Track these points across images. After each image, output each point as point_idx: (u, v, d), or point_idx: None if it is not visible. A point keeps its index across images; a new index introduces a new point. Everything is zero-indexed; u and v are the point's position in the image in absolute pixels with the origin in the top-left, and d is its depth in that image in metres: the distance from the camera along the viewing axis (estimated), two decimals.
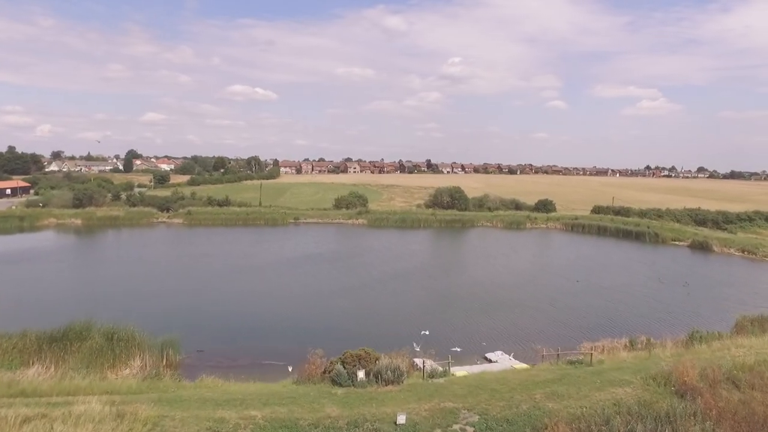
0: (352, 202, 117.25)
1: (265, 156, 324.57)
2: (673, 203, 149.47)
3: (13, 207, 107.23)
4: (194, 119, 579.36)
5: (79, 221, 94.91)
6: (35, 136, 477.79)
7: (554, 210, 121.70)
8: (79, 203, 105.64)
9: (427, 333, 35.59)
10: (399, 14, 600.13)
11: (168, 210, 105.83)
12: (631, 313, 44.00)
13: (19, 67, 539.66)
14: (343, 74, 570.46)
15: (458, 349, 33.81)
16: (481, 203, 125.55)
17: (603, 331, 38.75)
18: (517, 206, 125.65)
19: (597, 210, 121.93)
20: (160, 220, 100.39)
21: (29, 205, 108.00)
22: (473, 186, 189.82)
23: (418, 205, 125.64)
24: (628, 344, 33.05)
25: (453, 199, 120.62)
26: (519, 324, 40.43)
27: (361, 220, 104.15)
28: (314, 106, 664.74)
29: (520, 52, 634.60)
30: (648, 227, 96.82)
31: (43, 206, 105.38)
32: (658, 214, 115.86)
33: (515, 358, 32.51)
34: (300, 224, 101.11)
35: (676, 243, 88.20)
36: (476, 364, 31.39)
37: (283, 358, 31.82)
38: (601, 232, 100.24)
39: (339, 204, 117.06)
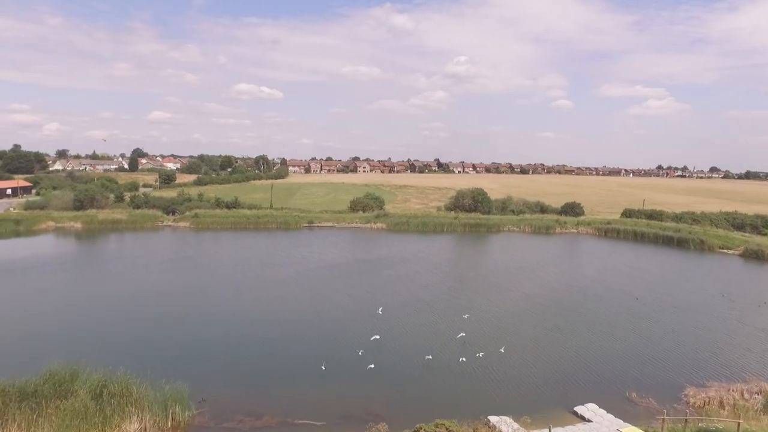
0: (369, 204, 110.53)
1: (271, 155, 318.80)
2: (701, 205, 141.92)
3: (11, 209, 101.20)
4: (200, 118, 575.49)
5: (78, 225, 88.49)
6: (42, 135, 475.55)
7: (582, 213, 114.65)
8: (80, 205, 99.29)
9: (378, 337, 34.04)
10: (405, 13, 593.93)
11: (174, 213, 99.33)
12: (729, 343, 36.70)
13: (25, 65, 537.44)
14: (348, 73, 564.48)
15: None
16: (504, 206, 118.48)
17: (706, 370, 31.60)
18: (542, 209, 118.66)
19: (628, 213, 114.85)
20: (165, 223, 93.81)
21: (28, 207, 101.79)
22: (489, 187, 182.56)
23: (438, 208, 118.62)
24: (762, 399, 25.82)
25: (475, 201, 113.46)
26: (598, 358, 33.34)
27: (379, 224, 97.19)
28: (319, 105, 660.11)
29: (526, 51, 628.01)
30: (690, 233, 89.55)
31: (42, 208, 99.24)
32: (694, 218, 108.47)
33: (615, 414, 25.48)
34: (314, 228, 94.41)
35: (725, 251, 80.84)
36: (569, 424, 24.42)
37: (322, 414, 24.95)
38: (638, 238, 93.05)
39: (355, 206, 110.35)
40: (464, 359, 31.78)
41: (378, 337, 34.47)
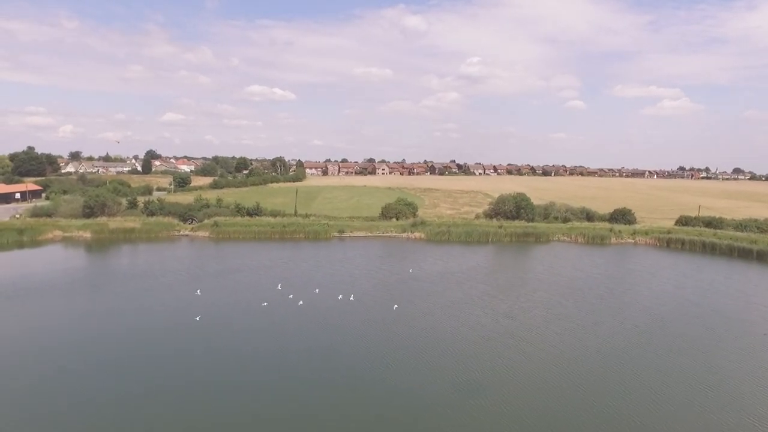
0: (402, 211, 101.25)
1: (285, 156, 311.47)
2: (748, 210, 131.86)
3: (17, 215, 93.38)
4: (212, 119, 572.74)
5: (88, 234, 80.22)
6: (57, 137, 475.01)
7: (635, 221, 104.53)
8: (90, 212, 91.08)
9: None
10: (419, 14, 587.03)
11: (191, 220, 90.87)
12: None
13: (42, 68, 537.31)
14: (361, 74, 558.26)
15: None
16: (547, 212, 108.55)
17: None
18: (589, 216, 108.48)
19: (684, 221, 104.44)
20: (182, 232, 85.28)
21: (34, 213, 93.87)
22: (517, 189, 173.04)
23: (477, 215, 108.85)
24: None
25: (518, 207, 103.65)
26: None
27: (417, 234, 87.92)
28: (332, 107, 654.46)
29: (539, 51, 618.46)
30: None
31: (50, 215, 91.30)
32: (759, 226, 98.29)
33: None
34: (345, 238, 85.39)
35: None
36: None
37: None
38: (707, 249, 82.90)
39: (387, 213, 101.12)
40: None
41: None
